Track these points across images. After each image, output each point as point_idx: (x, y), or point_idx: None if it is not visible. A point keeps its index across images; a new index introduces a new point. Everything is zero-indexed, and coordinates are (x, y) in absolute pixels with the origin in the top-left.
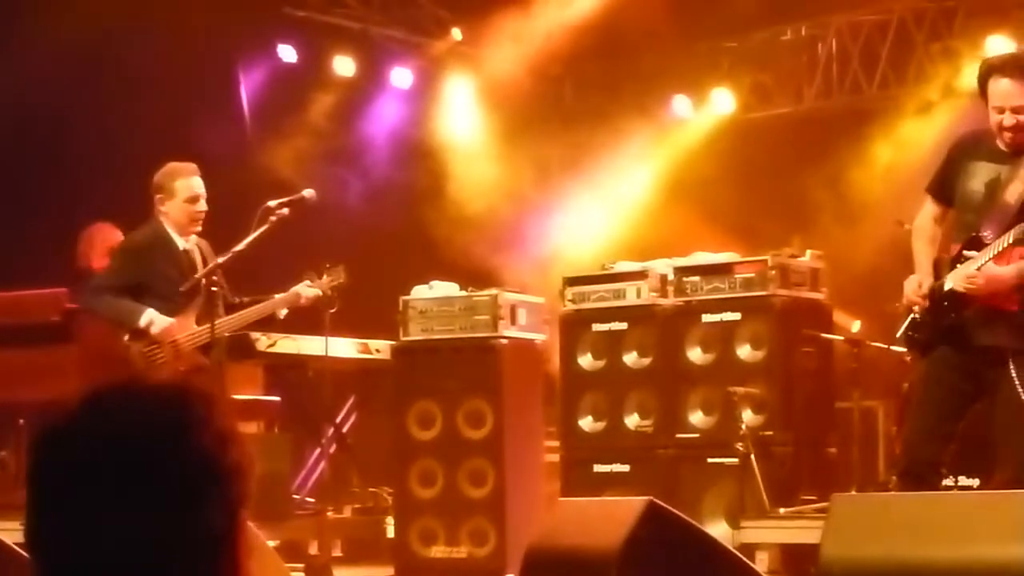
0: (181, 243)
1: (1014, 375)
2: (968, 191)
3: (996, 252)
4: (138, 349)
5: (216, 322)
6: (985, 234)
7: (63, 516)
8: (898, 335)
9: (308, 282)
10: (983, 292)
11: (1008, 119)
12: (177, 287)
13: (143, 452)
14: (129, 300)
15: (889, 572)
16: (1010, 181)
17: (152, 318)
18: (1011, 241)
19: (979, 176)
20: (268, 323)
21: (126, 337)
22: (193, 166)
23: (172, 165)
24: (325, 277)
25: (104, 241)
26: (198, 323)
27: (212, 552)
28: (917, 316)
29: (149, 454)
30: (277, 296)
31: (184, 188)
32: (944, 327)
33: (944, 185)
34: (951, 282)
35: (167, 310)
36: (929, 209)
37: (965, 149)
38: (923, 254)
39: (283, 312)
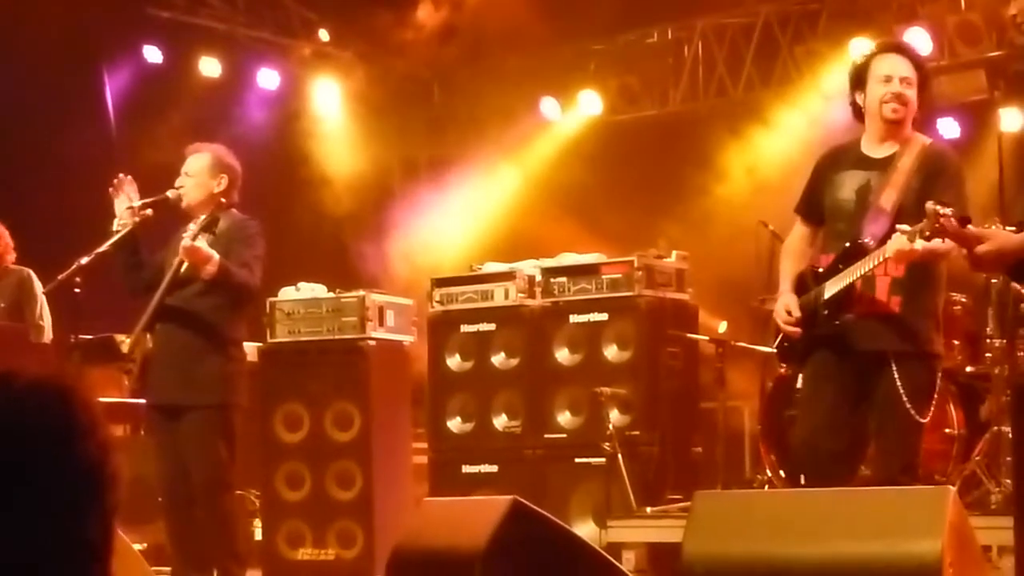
0: (189, 229)
1: (895, 374)
2: (838, 201)
3: (878, 263)
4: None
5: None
6: (867, 241)
7: None
8: (774, 346)
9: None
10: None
11: (895, 86)
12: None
13: (27, 456)
14: None
15: (750, 568)
16: (883, 187)
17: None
18: (888, 255)
19: (848, 185)
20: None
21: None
22: (190, 146)
23: None
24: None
25: None
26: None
27: (87, 561)
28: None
29: (33, 458)
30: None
31: None
32: (822, 336)
33: (812, 203)
34: (833, 287)
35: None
36: (799, 230)
37: (830, 162)
38: (787, 275)
39: None
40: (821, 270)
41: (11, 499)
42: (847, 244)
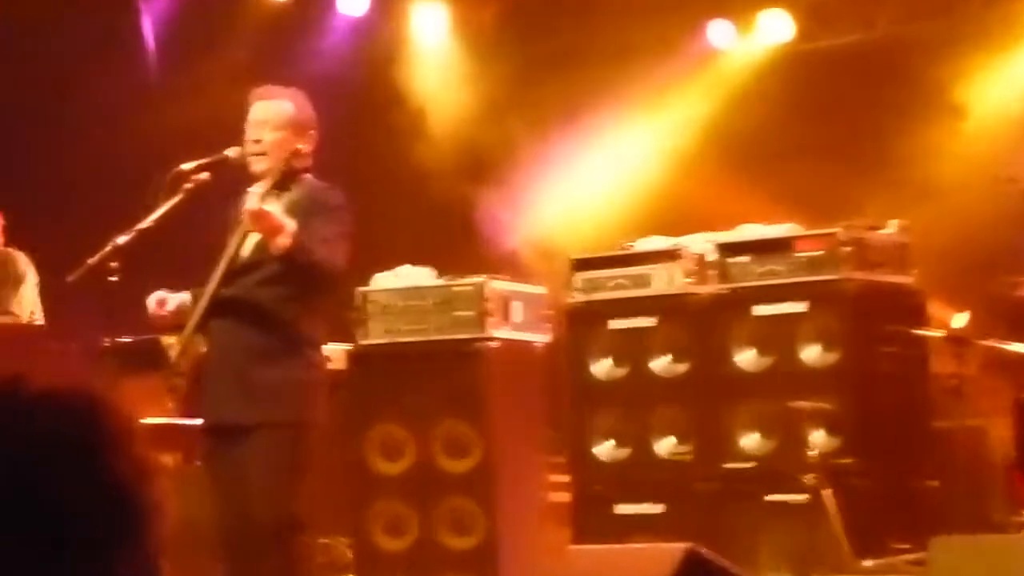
0: (253, 192)
1: None
2: None
3: None
4: None
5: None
6: None
7: None
8: None
9: None
10: None
11: None
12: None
13: (38, 477)
14: None
15: None
16: None
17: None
18: None
19: None
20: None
21: None
22: (258, 90)
23: None
24: None
25: None
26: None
27: None
28: None
29: (47, 480)
30: None
31: None
32: None
33: None
34: None
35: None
36: None
37: None
38: None
39: None
40: None
41: (19, 530)
42: None
